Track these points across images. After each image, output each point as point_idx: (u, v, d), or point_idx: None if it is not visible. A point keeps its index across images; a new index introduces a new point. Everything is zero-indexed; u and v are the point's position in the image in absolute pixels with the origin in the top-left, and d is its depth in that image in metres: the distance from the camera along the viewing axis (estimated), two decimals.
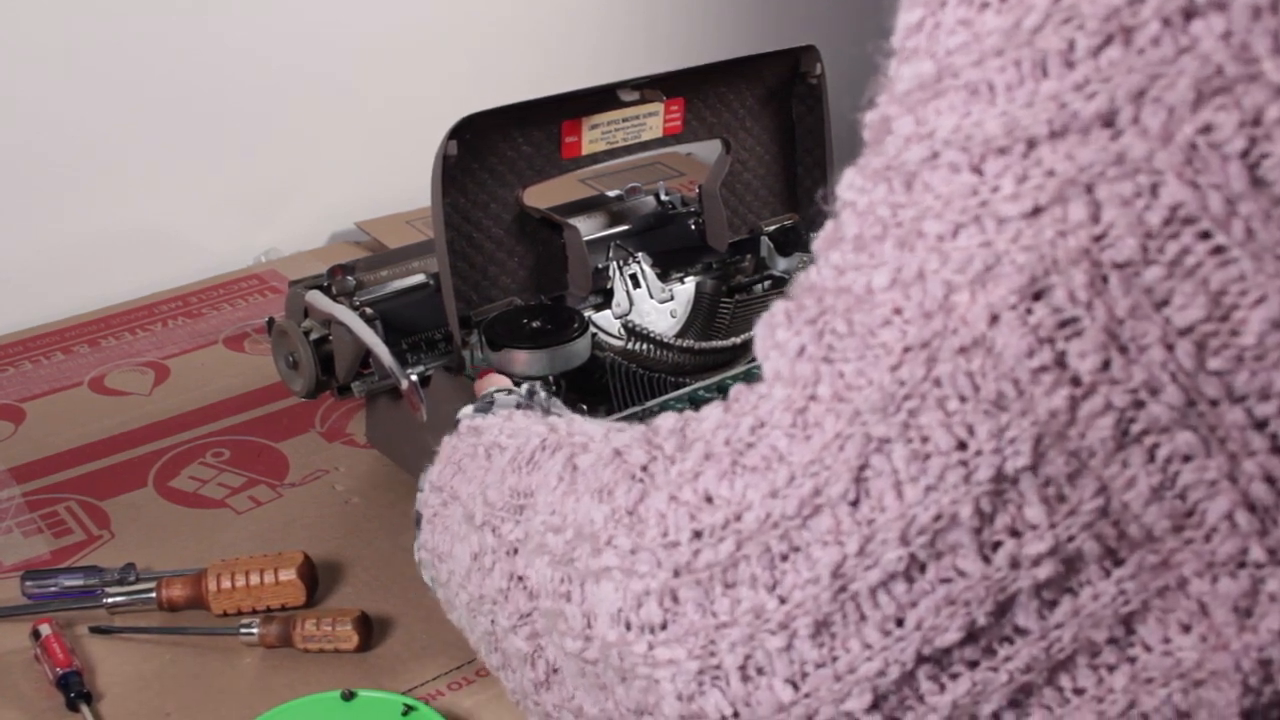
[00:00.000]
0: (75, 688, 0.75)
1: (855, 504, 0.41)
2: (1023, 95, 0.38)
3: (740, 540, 0.43)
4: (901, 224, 0.41)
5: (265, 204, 1.41)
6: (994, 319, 0.38)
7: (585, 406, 0.80)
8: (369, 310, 0.89)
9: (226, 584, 0.81)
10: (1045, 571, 0.40)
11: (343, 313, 0.86)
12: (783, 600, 0.42)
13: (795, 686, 0.42)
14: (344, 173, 1.45)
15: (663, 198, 1.08)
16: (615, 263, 0.98)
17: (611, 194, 1.08)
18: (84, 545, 0.91)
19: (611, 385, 0.87)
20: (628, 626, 0.45)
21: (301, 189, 1.43)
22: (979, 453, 0.39)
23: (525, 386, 0.70)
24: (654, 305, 0.98)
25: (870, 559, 0.41)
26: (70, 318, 1.26)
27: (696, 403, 0.83)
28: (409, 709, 0.73)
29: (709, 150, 1.06)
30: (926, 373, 0.39)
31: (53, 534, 0.92)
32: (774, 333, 0.45)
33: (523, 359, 0.84)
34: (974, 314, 0.38)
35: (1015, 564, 0.40)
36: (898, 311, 0.40)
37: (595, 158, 0.94)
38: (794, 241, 1.01)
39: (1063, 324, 0.37)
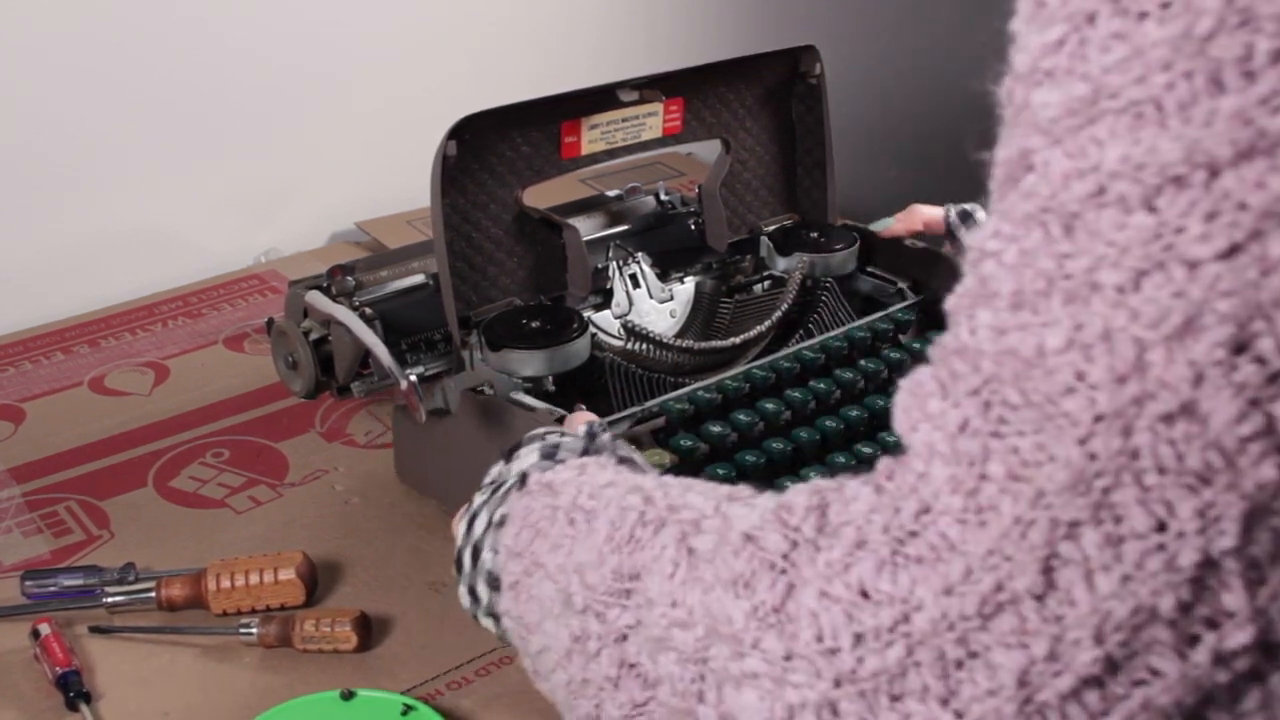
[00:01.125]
0: (75, 687, 0.75)
1: (1041, 599, 0.37)
2: (1199, 114, 0.34)
3: (910, 645, 0.38)
4: (1071, 275, 0.36)
5: (265, 204, 1.41)
6: (1199, 379, 0.34)
7: (585, 406, 0.80)
8: (368, 310, 0.89)
9: (226, 584, 0.81)
10: (1244, 664, 0.36)
11: (342, 313, 0.86)
12: (959, 715, 0.38)
13: None
14: (344, 173, 1.45)
15: (662, 198, 1.08)
16: (615, 263, 0.98)
17: (611, 194, 1.08)
18: (84, 545, 0.91)
19: (611, 385, 0.87)
20: None
21: (301, 189, 1.43)
22: (1181, 534, 0.35)
23: (584, 428, 0.66)
24: (654, 305, 0.98)
25: (1060, 663, 0.36)
26: (70, 318, 1.26)
27: (696, 403, 0.83)
28: (408, 709, 0.73)
29: (709, 150, 1.06)
30: (1122, 444, 0.35)
31: (52, 534, 0.92)
32: (925, 404, 0.40)
33: (522, 359, 0.84)
34: (1175, 374, 0.34)
35: (1217, 659, 0.36)
36: (1081, 376, 0.36)
37: (595, 158, 0.94)
38: (794, 241, 1.01)
39: (1271, 379, 0.34)
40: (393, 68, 1.45)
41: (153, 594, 0.82)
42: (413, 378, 0.82)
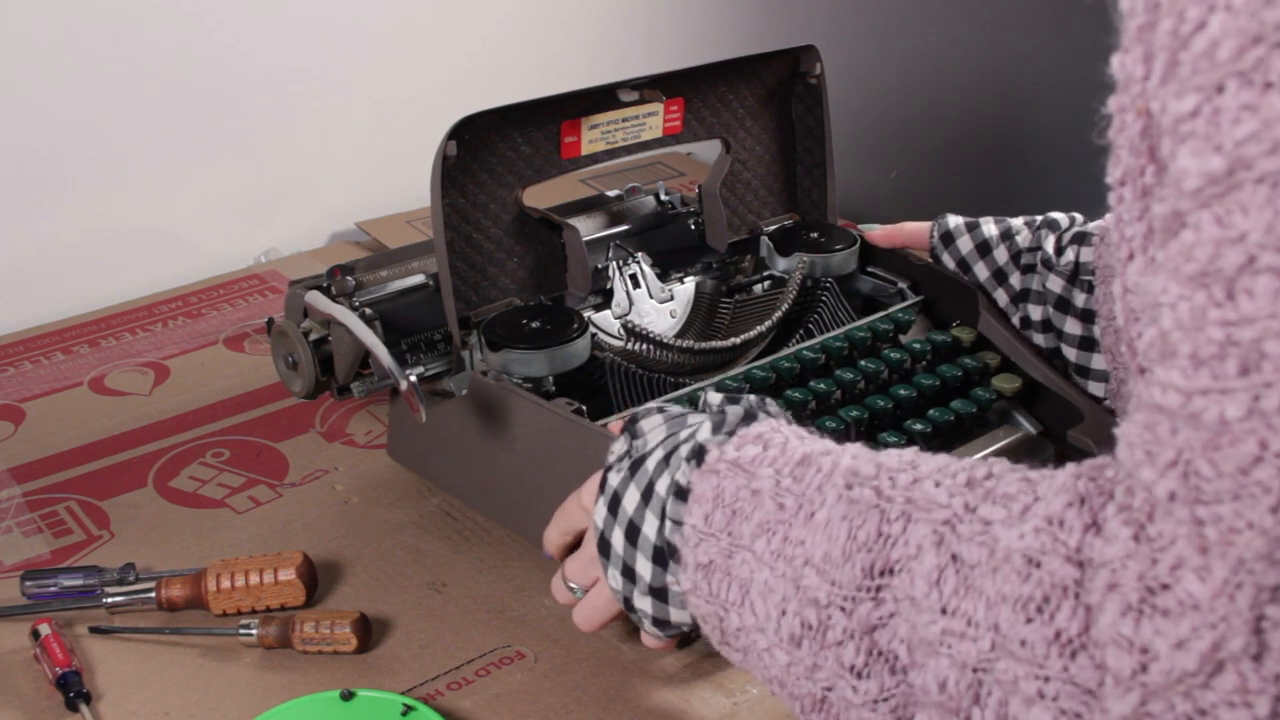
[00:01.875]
0: (74, 687, 0.75)
1: (1258, 659, 0.38)
2: None
3: (1145, 695, 0.41)
4: (1239, 344, 0.38)
5: (265, 204, 1.41)
6: None
7: (585, 408, 0.80)
8: (368, 311, 0.90)
9: (226, 584, 0.81)
10: None
11: (342, 313, 0.86)
12: None
13: None
14: (344, 173, 1.45)
15: (663, 198, 1.08)
16: (615, 263, 0.98)
17: (611, 194, 1.08)
18: (84, 545, 0.91)
19: (611, 385, 0.87)
20: None
21: (301, 189, 1.43)
22: None
23: (719, 395, 0.66)
24: (654, 305, 0.98)
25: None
26: (70, 318, 1.26)
27: (696, 403, 0.83)
28: (408, 709, 0.73)
29: (709, 150, 1.06)
30: None
31: (53, 534, 0.92)
32: (1139, 471, 0.42)
33: (522, 359, 0.84)
34: None
35: None
36: (1264, 446, 0.38)
37: (595, 158, 0.94)
38: (794, 241, 1.01)
39: None
40: (393, 68, 1.46)
41: (153, 594, 0.82)
42: (413, 378, 0.82)
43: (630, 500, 0.63)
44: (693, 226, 1.05)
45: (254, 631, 0.79)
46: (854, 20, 1.88)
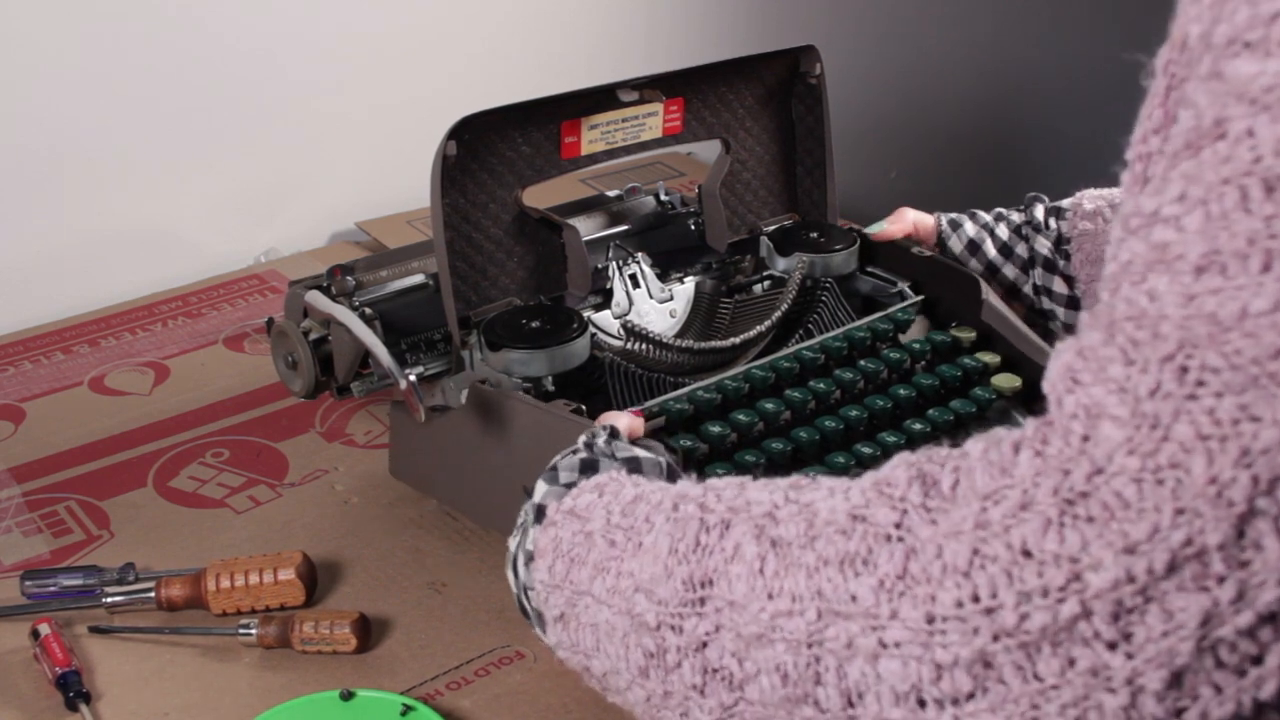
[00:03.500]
0: (74, 687, 0.75)
1: (1224, 549, 0.38)
2: None
3: (1084, 600, 0.39)
4: (1276, 236, 0.37)
5: (265, 204, 1.41)
6: None
7: (585, 407, 0.80)
8: (368, 310, 0.89)
9: (225, 584, 0.81)
10: None
11: (342, 313, 0.86)
12: (1129, 656, 0.39)
13: None
14: (344, 173, 1.45)
15: (662, 198, 1.08)
16: (615, 263, 0.98)
17: (611, 194, 1.08)
18: (83, 545, 0.91)
19: (610, 385, 0.87)
20: (921, 704, 0.42)
21: (301, 189, 1.43)
22: None
23: (581, 438, 0.67)
24: (653, 305, 0.98)
25: (1241, 604, 0.38)
26: (70, 318, 1.26)
27: (696, 403, 0.83)
28: (408, 709, 0.73)
29: (709, 150, 1.06)
30: None
31: (52, 534, 0.92)
32: (1104, 369, 0.41)
33: (522, 359, 0.84)
34: None
35: None
36: None
37: (594, 158, 0.94)
38: (793, 241, 1.01)
39: None
40: (393, 68, 1.46)
41: (152, 594, 0.82)
42: (412, 378, 0.82)
43: (521, 564, 0.65)
44: (693, 226, 1.05)
45: (253, 631, 0.79)
46: (854, 20, 1.88)
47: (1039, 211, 1.01)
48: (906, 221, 1.02)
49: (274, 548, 0.89)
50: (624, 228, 1.03)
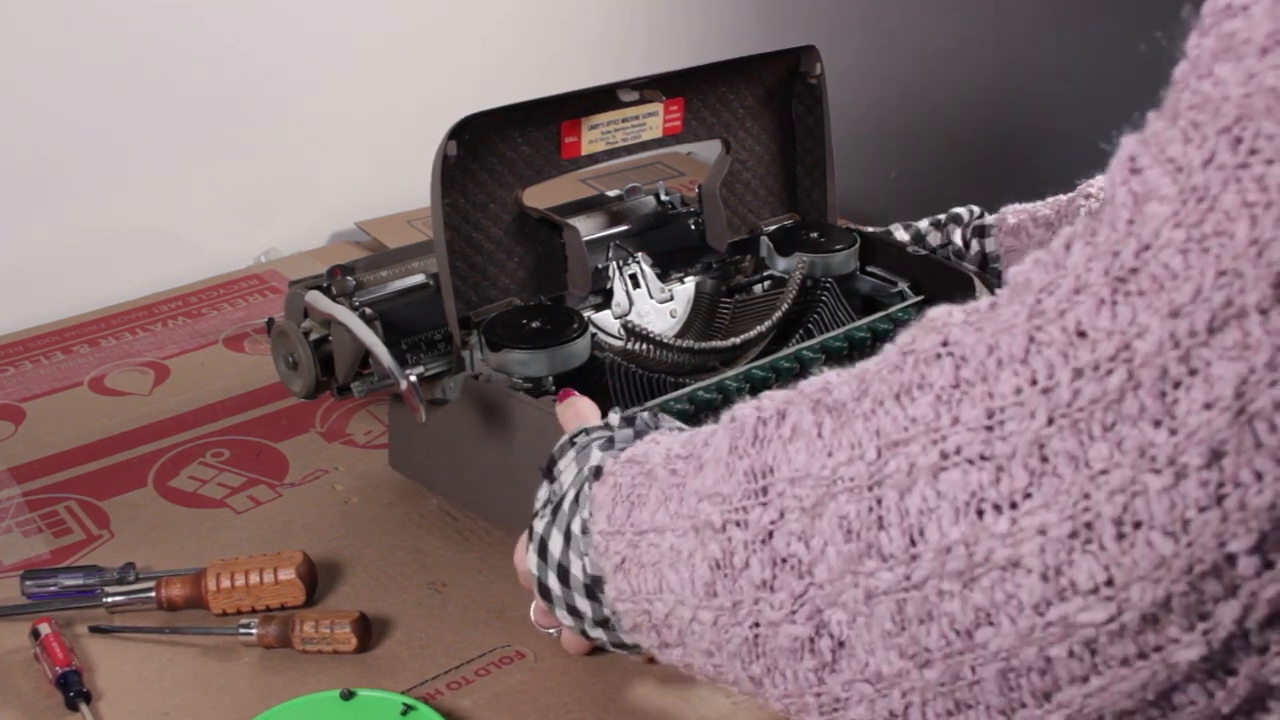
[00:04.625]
0: (74, 687, 0.75)
1: (1265, 313, 0.38)
2: None
3: (1132, 369, 0.39)
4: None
5: (265, 204, 1.41)
6: None
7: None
8: (368, 310, 0.89)
9: (226, 583, 0.81)
10: None
11: (342, 313, 0.86)
12: (1173, 432, 0.39)
13: (1175, 538, 0.39)
14: (344, 173, 1.45)
15: (663, 198, 1.08)
16: (615, 263, 0.98)
17: (611, 194, 1.08)
18: (84, 545, 0.91)
19: (611, 385, 0.87)
20: (980, 513, 0.42)
21: (301, 189, 1.43)
22: None
23: (619, 417, 0.67)
24: (654, 305, 0.98)
25: (1276, 372, 0.38)
26: (70, 318, 1.26)
27: (696, 403, 0.83)
28: (408, 708, 0.73)
29: (709, 150, 1.06)
30: None
31: (52, 533, 0.92)
32: (1164, 149, 0.41)
33: (522, 359, 0.84)
34: None
35: None
36: None
37: (595, 158, 0.94)
38: (794, 241, 1.01)
39: None
40: (393, 68, 1.46)
41: (152, 594, 0.82)
42: (412, 378, 0.82)
43: (555, 545, 0.65)
44: (693, 226, 1.05)
45: (254, 631, 0.79)
46: (854, 20, 1.88)
47: (958, 236, 1.00)
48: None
49: (274, 548, 0.89)
50: (624, 228, 1.03)
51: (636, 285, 0.98)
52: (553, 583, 0.65)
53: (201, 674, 0.78)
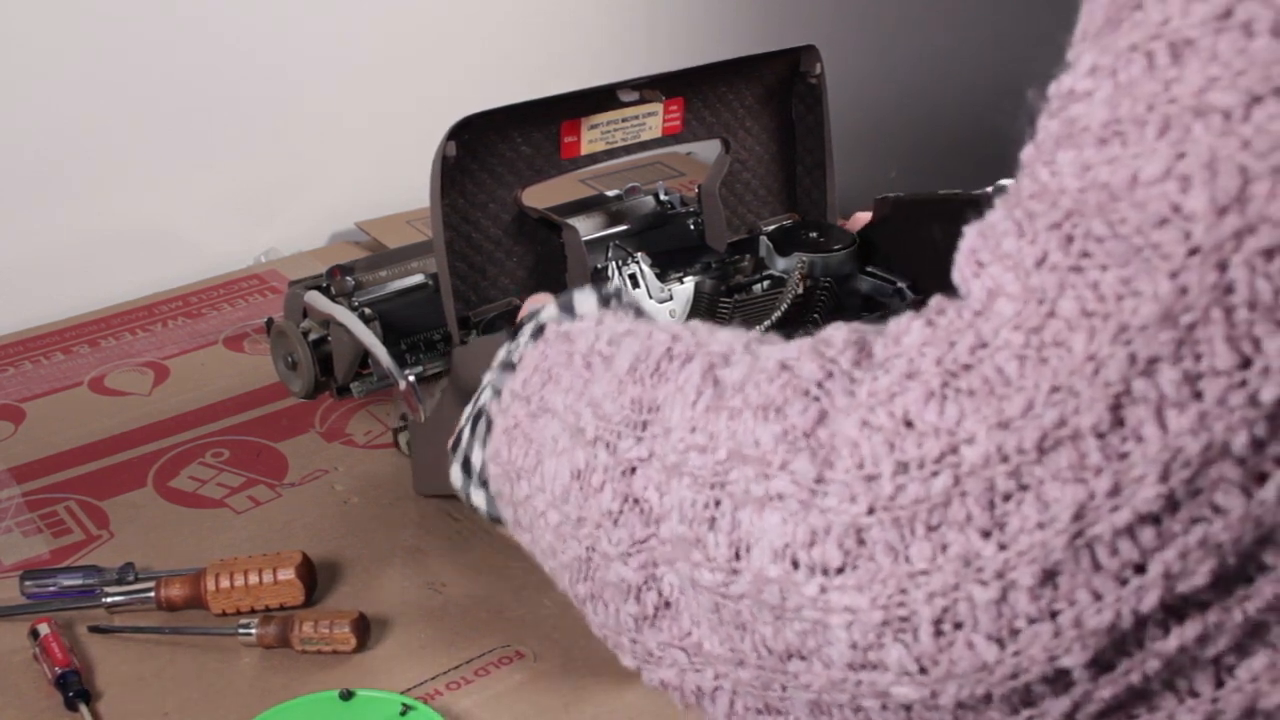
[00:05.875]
0: (74, 687, 0.75)
1: (1104, 436, 0.36)
2: None
3: (958, 476, 0.37)
4: (1175, 99, 0.35)
5: (265, 204, 1.41)
6: None
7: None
8: (368, 311, 0.89)
9: (225, 583, 0.81)
10: None
11: (341, 313, 0.86)
12: (1002, 546, 0.37)
13: (1001, 644, 0.37)
14: (344, 173, 1.45)
15: (662, 198, 1.08)
16: (614, 263, 0.98)
17: (611, 194, 1.08)
18: (83, 545, 0.91)
19: None
20: (795, 565, 0.40)
21: (301, 189, 1.43)
22: (1265, 370, 0.34)
23: (608, 287, 0.63)
24: (653, 305, 0.98)
25: (1119, 499, 0.36)
26: (70, 318, 1.26)
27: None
28: (407, 708, 0.73)
29: (709, 150, 1.06)
30: (1217, 279, 0.34)
31: (52, 534, 0.92)
32: (999, 244, 0.39)
33: None
34: (1279, 209, 0.33)
35: None
36: (1176, 208, 0.35)
37: (594, 158, 0.94)
38: (793, 241, 1.01)
39: None
40: (393, 68, 1.46)
41: (152, 594, 0.82)
42: (412, 378, 0.82)
43: (487, 393, 0.61)
44: (692, 226, 1.05)
45: (253, 631, 0.79)
46: (854, 20, 1.88)
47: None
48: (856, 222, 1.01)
49: (274, 548, 0.89)
50: (624, 228, 1.03)
51: (636, 285, 0.98)
52: (466, 430, 0.62)
53: (201, 674, 0.78)
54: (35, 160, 1.26)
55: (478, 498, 0.61)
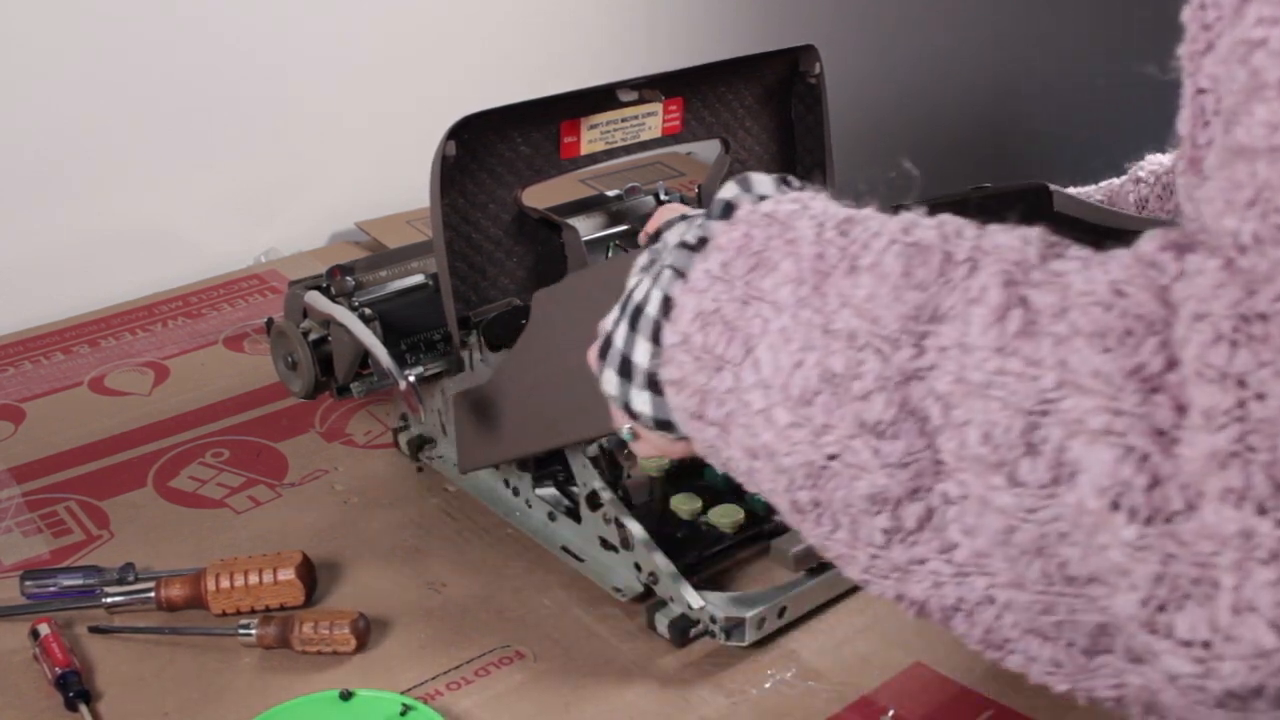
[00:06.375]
0: (74, 687, 0.75)
1: None
2: None
3: (1244, 431, 0.36)
4: None
5: (265, 204, 1.41)
6: None
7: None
8: (368, 311, 0.89)
9: (225, 584, 0.81)
10: None
11: (341, 313, 0.86)
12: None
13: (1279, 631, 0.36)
14: (344, 173, 1.45)
15: (662, 198, 1.08)
16: None
17: (611, 194, 1.08)
18: (83, 545, 0.91)
19: None
20: (1115, 506, 0.39)
21: (301, 189, 1.43)
22: None
23: (774, 177, 0.58)
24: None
25: None
26: (70, 318, 1.26)
27: None
28: (407, 709, 0.73)
29: (709, 150, 1.06)
30: None
31: (52, 534, 0.92)
32: (1220, 222, 0.39)
33: None
34: None
35: None
36: None
37: (594, 158, 0.94)
38: None
39: None
40: (393, 68, 1.46)
41: (152, 594, 0.82)
42: (412, 378, 0.82)
43: (640, 289, 0.57)
44: None
45: (253, 631, 0.79)
46: (854, 20, 1.88)
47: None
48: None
49: (274, 548, 0.89)
50: (624, 228, 1.03)
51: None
52: (619, 333, 0.58)
53: (201, 674, 0.78)
54: (35, 160, 1.26)
55: (639, 401, 0.57)
